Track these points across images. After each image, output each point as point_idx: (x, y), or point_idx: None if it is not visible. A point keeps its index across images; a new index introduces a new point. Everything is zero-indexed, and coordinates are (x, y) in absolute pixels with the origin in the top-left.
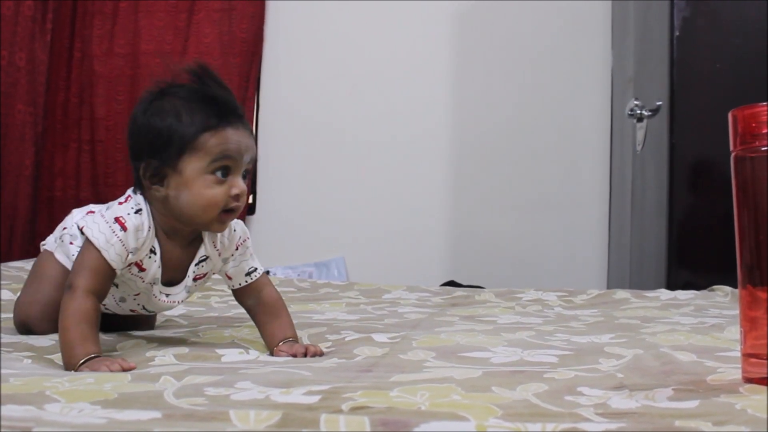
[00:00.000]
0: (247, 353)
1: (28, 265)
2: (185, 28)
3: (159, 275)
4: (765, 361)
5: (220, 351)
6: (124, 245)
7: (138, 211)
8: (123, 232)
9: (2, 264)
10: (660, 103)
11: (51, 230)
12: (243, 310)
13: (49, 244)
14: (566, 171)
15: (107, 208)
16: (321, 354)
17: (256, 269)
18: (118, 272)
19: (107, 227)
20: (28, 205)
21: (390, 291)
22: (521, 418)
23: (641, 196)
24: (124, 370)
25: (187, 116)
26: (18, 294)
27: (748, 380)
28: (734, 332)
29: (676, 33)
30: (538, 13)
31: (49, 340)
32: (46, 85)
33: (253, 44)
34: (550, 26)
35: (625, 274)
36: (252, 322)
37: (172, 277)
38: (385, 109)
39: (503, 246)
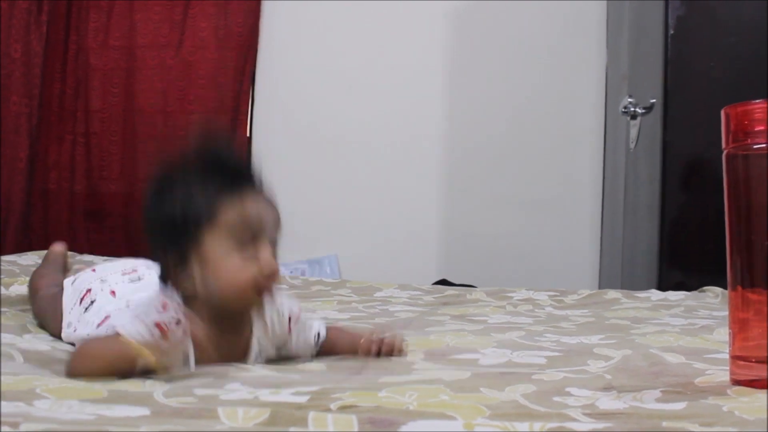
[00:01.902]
0: None
1: (21, 258)
2: (181, 21)
3: None
4: (753, 364)
5: None
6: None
7: (178, 323)
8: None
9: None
10: (654, 100)
11: (45, 223)
12: None
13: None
14: (560, 169)
15: (147, 314)
16: (400, 351)
17: (319, 333)
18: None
19: (147, 331)
20: (23, 198)
21: (382, 289)
22: (509, 418)
23: (634, 194)
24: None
25: (201, 195)
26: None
27: (736, 382)
28: (723, 334)
29: (671, 31)
30: (532, 11)
31: (46, 345)
32: (41, 78)
33: (248, 38)
34: (544, 24)
35: (617, 273)
36: None
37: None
38: (379, 106)
39: (495, 244)
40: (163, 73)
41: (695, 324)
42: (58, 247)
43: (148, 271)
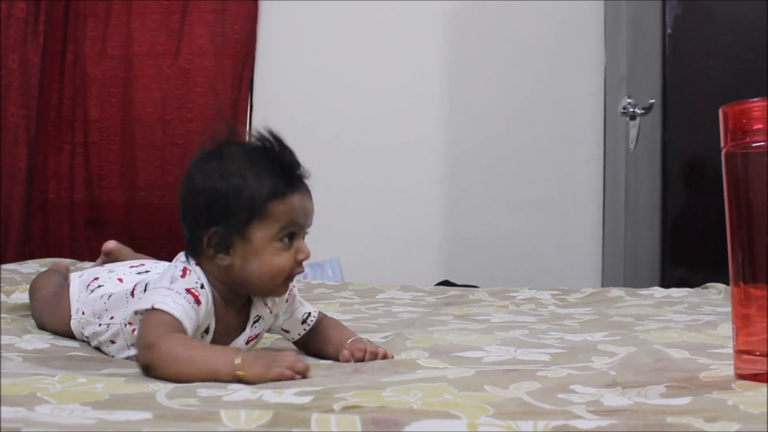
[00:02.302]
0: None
1: (22, 267)
2: (178, 29)
3: None
4: (757, 358)
5: None
6: (198, 318)
7: (202, 286)
8: (197, 304)
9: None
10: (653, 101)
11: (45, 232)
12: None
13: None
14: (560, 169)
15: (171, 281)
16: (386, 356)
17: (309, 314)
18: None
19: (182, 299)
20: (22, 208)
21: (384, 291)
22: (513, 416)
23: (635, 194)
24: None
25: (255, 181)
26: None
27: (741, 377)
28: (727, 329)
29: (669, 31)
30: (531, 12)
31: (45, 343)
32: (39, 88)
33: (245, 45)
34: (543, 25)
35: (619, 272)
36: None
37: (225, 343)
38: (379, 108)
39: (498, 245)
40: (161, 81)
41: (699, 320)
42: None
43: (155, 266)
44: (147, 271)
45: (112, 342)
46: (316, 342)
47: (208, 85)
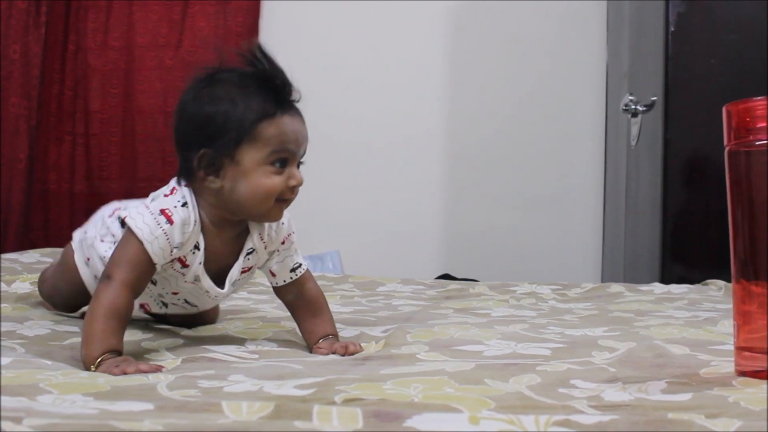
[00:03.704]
0: (241, 345)
1: (23, 256)
2: (180, 21)
3: (200, 272)
4: (758, 355)
5: (211, 344)
6: (168, 239)
7: (184, 205)
8: (169, 225)
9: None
10: (655, 98)
11: (45, 223)
12: (232, 303)
13: (74, 242)
14: (561, 166)
15: (152, 200)
16: (360, 351)
17: (300, 265)
18: (158, 267)
19: (152, 219)
20: (22, 199)
21: (384, 284)
22: (514, 410)
23: (635, 191)
24: (144, 373)
25: (244, 103)
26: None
27: (741, 373)
28: (727, 326)
29: (671, 28)
30: (532, 9)
31: (44, 329)
32: (40, 78)
33: (248, 38)
34: (545, 22)
35: (620, 268)
36: (249, 315)
37: (217, 271)
38: (380, 103)
39: (498, 240)
40: (163, 73)
41: (699, 316)
42: None
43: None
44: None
45: (102, 241)
46: (297, 310)
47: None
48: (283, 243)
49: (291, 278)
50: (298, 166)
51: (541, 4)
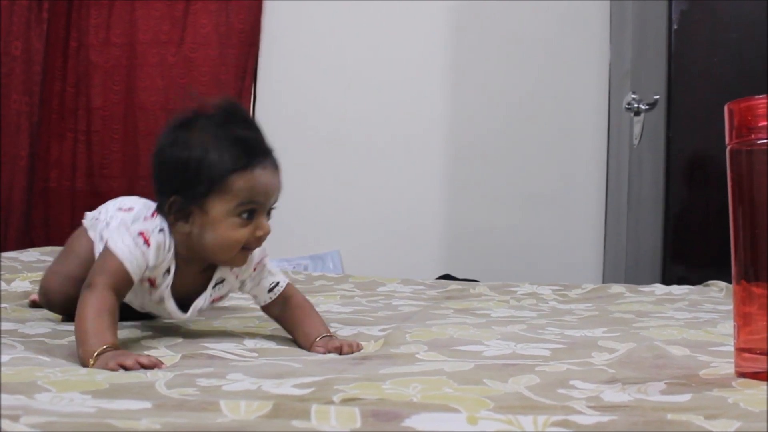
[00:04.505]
0: (240, 344)
1: (22, 255)
2: (182, 18)
3: (165, 295)
4: (758, 356)
5: (210, 342)
6: (145, 258)
7: (161, 230)
8: (146, 246)
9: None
10: (657, 96)
11: (46, 221)
12: (231, 302)
13: (86, 221)
14: (563, 165)
15: (133, 221)
16: (359, 349)
17: (278, 283)
18: (135, 282)
19: (131, 240)
20: (24, 196)
21: (385, 284)
22: (513, 411)
23: (637, 190)
24: (144, 366)
25: (216, 154)
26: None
27: (741, 375)
28: (728, 327)
29: (674, 26)
30: (535, 7)
31: (45, 328)
32: (42, 75)
33: (250, 35)
34: (547, 20)
35: (621, 268)
36: (247, 314)
37: (185, 295)
38: (382, 102)
39: (499, 240)
40: (165, 70)
41: (699, 317)
42: None
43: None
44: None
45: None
46: (286, 321)
47: (212, 74)
48: (254, 270)
49: (271, 298)
50: (269, 214)
51: (544, 3)
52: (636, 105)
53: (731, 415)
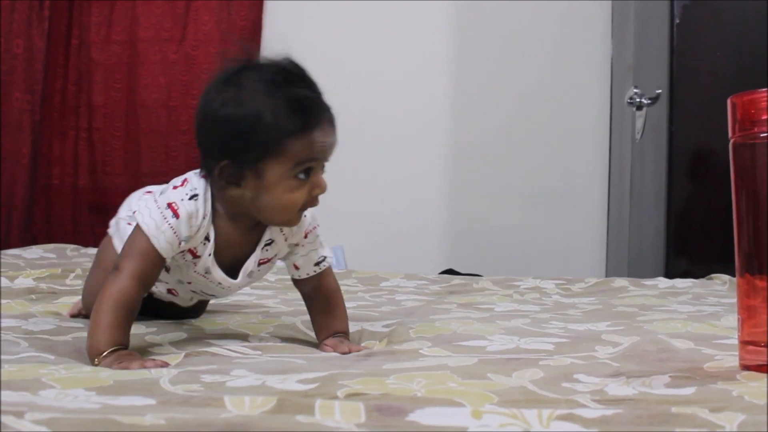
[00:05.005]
0: (243, 341)
1: (26, 252)
2: (183, 15)
3: (210, 263)
4: (762, 349)
5: (214, 339)
6: (175, 233)
7: (193, 197)
8: (175, 219)
9: (1, 251)
10: (659, 91)
11: (48, 218)
12: (235, 297)
13: (111, 229)
14: (565, 159)
15: (161, 192)
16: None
17: (325, 258)
18: (168, 260)
19: (158, 213)
20: (26, 193)
21: (388, 279)
22: (517, 405)
23: (640, 185)
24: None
25: (272, 117)
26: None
27: (745, 367)
28: (731, 320)
29: (676, 21)
30: (537, 2)
31: (48, 324)
32: (44, 73)
33: (251, 32)
34: (550, 15)
35: (624, 262)
36: (250, 310)
37: (232, 261)
38: (384, 98)
39: (502, 235)
40: (166, 67)
41: (703, 311)
42: None
43: None
44: None
45: (128, 224)
46: (312, 303)
47: (214, 72)
48: (306, 236)
49: (315, 271)
50: (323, 168)
51: None
52: (638, 99)
53: (736, 407)
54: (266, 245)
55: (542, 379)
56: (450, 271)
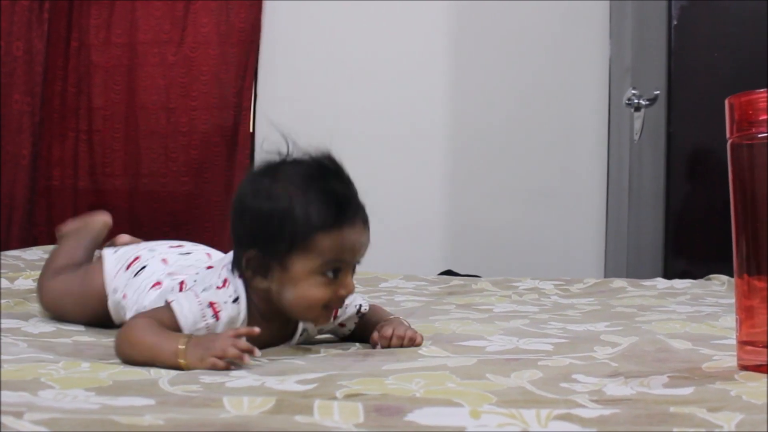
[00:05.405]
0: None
1: (25, 254)
2: (182, 17)
3: None
4: (761, 349)
5: None
6: (209, 332)
7: (236, 300)
8: (214, 320)
9: (1, 252)
10: (658, 92)
11: (49, 220)
12: None
13: (107, 265)
14: (564, 160)
15: (203, 289)
16: (418, 343)
17: (361, 305)
18: None
19: (199, 310)
20: (26, 195)
21: (387, 280)
22: (516, 405)
23: (638, 186)
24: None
25: (302, 210)
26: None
27: (744, 367)
28: (730, 321)
29: (674, 22)
30: (536, 2)
31: (51, 326)
32: (44, 75)
33: (250, 34)
34: (548, 15)
35: (622, 263)
36: None
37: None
38: (383, 98)
39: (501, 235)
40: (165, 69)
41: (702, 311)
42: (101, 218)
43: (194, 247)
44: (188, 253)
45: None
46: (360, 332)
47: (213, 73)
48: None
49: (358, 319)
50: (354, 270)
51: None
52: (636, 100)
53: (734, 407)
54: (301, 334)
55: (541, 379)
56: (449, 272)
